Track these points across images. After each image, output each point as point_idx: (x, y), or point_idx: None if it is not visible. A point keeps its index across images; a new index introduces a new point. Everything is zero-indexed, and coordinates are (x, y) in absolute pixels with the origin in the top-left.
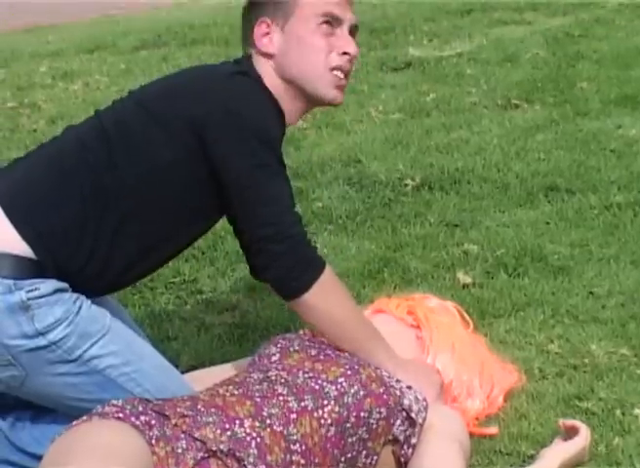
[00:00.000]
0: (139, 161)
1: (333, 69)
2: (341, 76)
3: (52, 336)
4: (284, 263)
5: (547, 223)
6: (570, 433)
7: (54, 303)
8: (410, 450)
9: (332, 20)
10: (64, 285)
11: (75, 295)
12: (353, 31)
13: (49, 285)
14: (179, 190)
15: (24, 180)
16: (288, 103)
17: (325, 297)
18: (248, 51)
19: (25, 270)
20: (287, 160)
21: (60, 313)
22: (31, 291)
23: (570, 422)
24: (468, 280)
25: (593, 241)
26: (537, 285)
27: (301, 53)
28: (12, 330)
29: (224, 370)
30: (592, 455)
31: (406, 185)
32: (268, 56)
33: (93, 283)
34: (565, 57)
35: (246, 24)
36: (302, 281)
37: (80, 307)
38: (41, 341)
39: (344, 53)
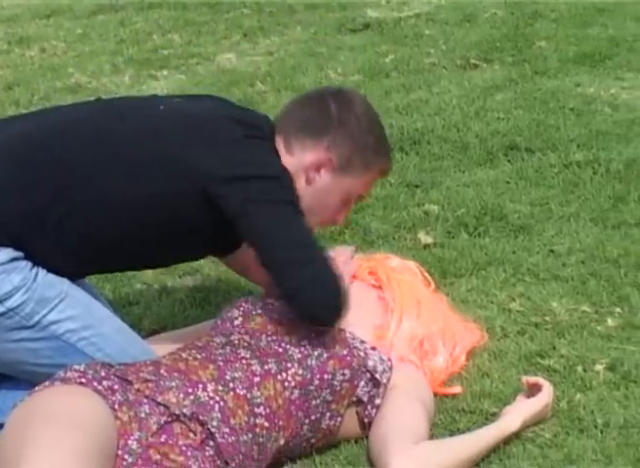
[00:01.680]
0: (130, 186)
1: (319, 224)
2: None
3: (9, 304)
4: (312, 309)
5: (507, 183)
6: (532, 390)
7: (11, 271)
8: (374, 411)
9: (356, 200)
10: (20, 253)
11: (31, 263)
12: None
13: (5, 253)
14: (157, 220)
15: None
16: None
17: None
18: (290, 140)
19: None
20: None
21: (18, 280)
22: None
23: (533, 379)
24: (429, 240)
25: (553, 199)
26: (497, 244)
27: (320, 197)
28: None
29: (187, 334)
30: (554, 412)
31: None
32: (308, 180)
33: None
34: (523, 16)
35: (321, 128)
36: (329, 317)
37: (37, 274)
38: None
39: (335, 221)
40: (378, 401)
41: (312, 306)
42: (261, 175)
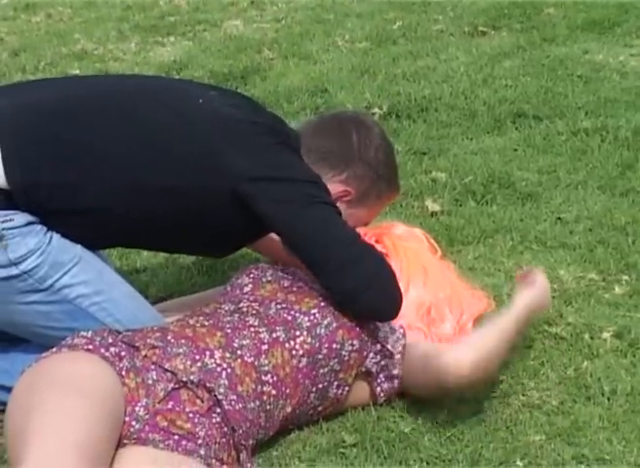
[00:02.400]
0: (153, 167)
1: None
2: None
3: (24, 266)
4: (376, 309)
5: (515, 150)
6: (528, 282)
7: (27, 234)
8: (386, 382)
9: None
10: (36, 218)
11: (46, 227)
12: None
13: (22, 216)
14: (188, 205)
15: (32, 123)
16: None
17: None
18: (319, 165)
19: (0, 201)
20: (253, 90)
21: (33, 244)
22: (5, 221)
23: (525, 271)
24: (437, 208)
25: (561, 167)
26: (505, 211)
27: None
28: None
29: (194, 301)
30: (561, 379)
31: (373, 114)
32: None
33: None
34: None
35: (344, 154)
36: (396, 307)
37: (51, 238)
38: (13, 271)
39: None
40: (395, 371)
41: (376, 306)
42: (299, 177)
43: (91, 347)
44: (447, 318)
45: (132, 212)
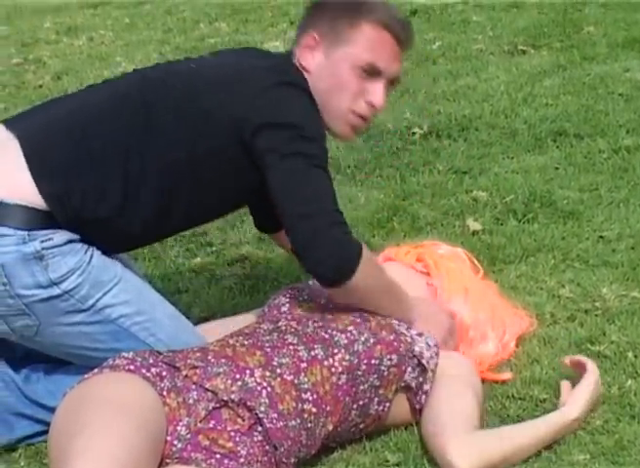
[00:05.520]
0: (174, 143)
1: (354, 113)
2: (361, 121)
3: (65, 286)
4: (321, 263)
5: (556, 168)
6: (577, 370)
7: (67, 253)
8: (423, 397)
9: (371, 71)
10: (76, 236)
11: (86, 246)
12: (394, 81)
13: (61, 235)
14: (212, 173)
15: (54, 135)
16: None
17: (360, 293)
18: (294, 52)
19: (38, 221)
20: None
21: (74, 263)
22: (45, 241)
23: (575, 358)
24: (478, 227)
25: (602, 185)
26: (546, 230)
27: (332, 85)
28: (26, 280)
29: (235, 322)
30: (605, 398)
31: (413, 134)
32: (304, 69)
33: (103, 243)
34: (571, 1)
35: (301, 27)
36: (339, 277)
37: (92, 256)
38: (55, 291)
39: (370, 103)
40: (427, 387)
41: (319, 266)
42: (284, 122)
43: (132, 368)
44: (489, 337)
45: (164, 190)
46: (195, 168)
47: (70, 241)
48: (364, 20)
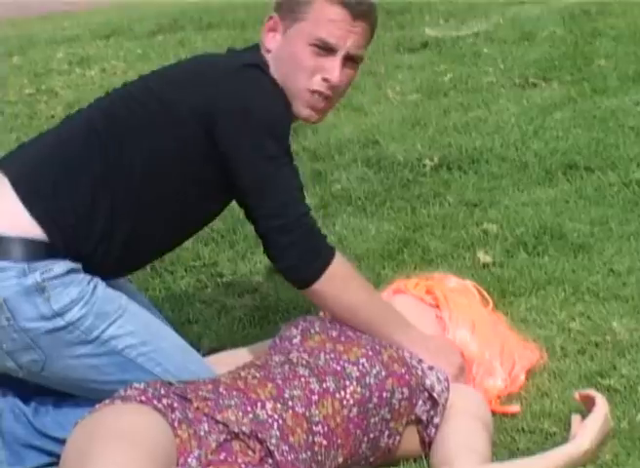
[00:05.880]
0: (145, 146)
1: (311, 91)
2: (320, 99)
3: (69, 317)
4: (292, 254)
5: (567, 201)
6: (587, 404)
7: (69, 283)
8: (433, 430)
9: (324, 47)
10: (77, 265)
11: (89, 276)
12: (355, 59)
13: (62, 265)
14: (186, 176)
15: (35, 163)
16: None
17: (334, 286)
18: (260, 37)
19: (38, 253)
20: (305, 142)
21: (76, 293)
22: (45, 272)
23: (585, 392)
24: (488, 259)
25: (613, 218)
26: (557, 263)
27: (289, 63)
28: (29, 312)
29: (246, 353)
30: (615, 432)
31: (424, 166)
32: (267, 51)
33: (104, 263)
34: (582, 34)
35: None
36: (311, 271)
37: (95, 287)
38: (59, 322)
39: (325, 79)
40: (437, 420)
41: (287, 267)
42: (248, 111)
43: (143, 398)
44: (497, 372)
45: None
46: (166, 170)
47: (72, 271)
48: None
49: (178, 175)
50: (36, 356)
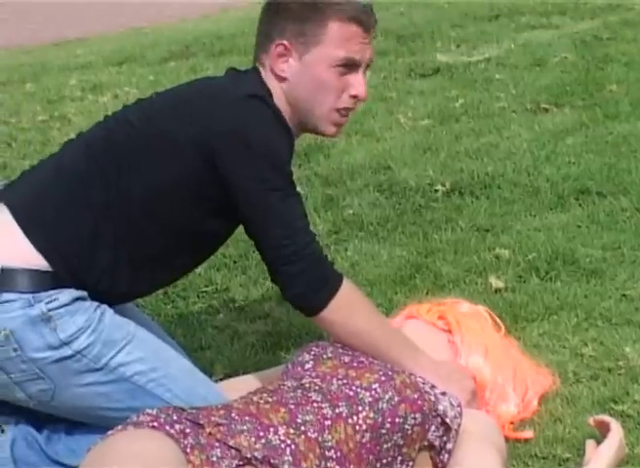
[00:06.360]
0: (143, 171)
1: (338, 110)
2: (345, 115)
3: (76, 345)
4: (300, 283)
5: (579, 227)
6: (601, 430)
7: (74, 312)
8: (446, 456)
9: (348, 65)
10: (83, 293)
11: (96, 304)
12: (369, 64)
13: (67, 294)
14: (186, 205)
15: (36, 192)
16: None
17: (343, 313)
18: (261, 60)
19: (42, 282)
20: (317, 168)
21: (82, 321)
22: (51, 302)
23: (599, 418)
24: (500, 284)
25: (625, 243)
26: (569, 288)
27: (313, 88)
28: (36, 342)
29: (258, 379)
30: (629, 458)
31: (436, 191)
32: (280, 78)
33: (111, 291)
34: (594, 60)
35: (264, 34)
36: (319, 299)
37: (102, 314)
38: (66, 351)
39: (354, 96)
40: (449, 445)
41: (295, 296)
42: (251, 144)
43: (156, 424)
44: (510, 397)
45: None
46: (168, 200)
47: (77, 299)
48: (330, 19)
49: (177, 202)
50: (45, 386)
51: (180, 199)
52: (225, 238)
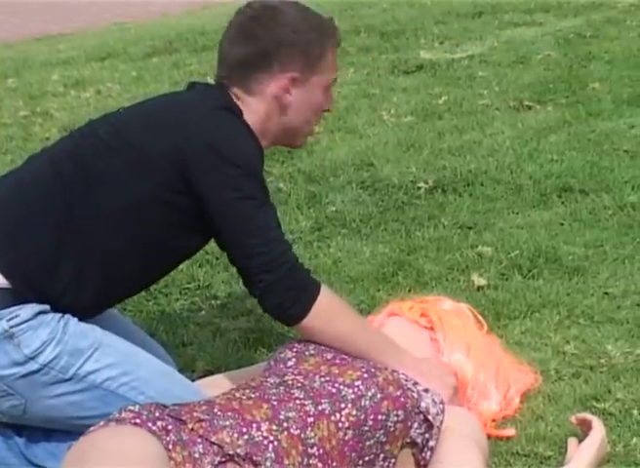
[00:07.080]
0: (113, 191)
1: (311, 124)
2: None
3: (42, 359)
4: (277, 292)
5: (561, 224)
6: (583, 428)
7: (37, 326)
8: (429, 454)
9: (333, 84)
10: (45, 307)
11: (59, 315)
12: None
13: (29, 309)
14: (157, 218)
15: None
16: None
17: (322, 320)
18: (256, 79)
19: (3, 300)
20: (300, 164)
21: (46, 334)
22: (12, 318)
23: (581, 416)
24: (483, 282)
25: (607, 241)
26: (551, 286)
27: (307, 110)
28: (1, 360)
29: (241, 375)
30: (610, 456)
31: (419, 188)
32: (282, 104)
33: (77, 304)
34: (576, 57)
35: (261, 64)
36: (298, 308)
37: (66, 324)
38: (33, 366)
39: (327, 110)
40: (432, 443)
41: (273, 307)
42: (226, 155)
43: (138, 421)
44: (492, 395)
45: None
46: (139, 214)
47: (39, 313)
48: (328, 50)
49: (149, 215)
50: (15, 401)
51: (152, 212)
52: (195, 252)
